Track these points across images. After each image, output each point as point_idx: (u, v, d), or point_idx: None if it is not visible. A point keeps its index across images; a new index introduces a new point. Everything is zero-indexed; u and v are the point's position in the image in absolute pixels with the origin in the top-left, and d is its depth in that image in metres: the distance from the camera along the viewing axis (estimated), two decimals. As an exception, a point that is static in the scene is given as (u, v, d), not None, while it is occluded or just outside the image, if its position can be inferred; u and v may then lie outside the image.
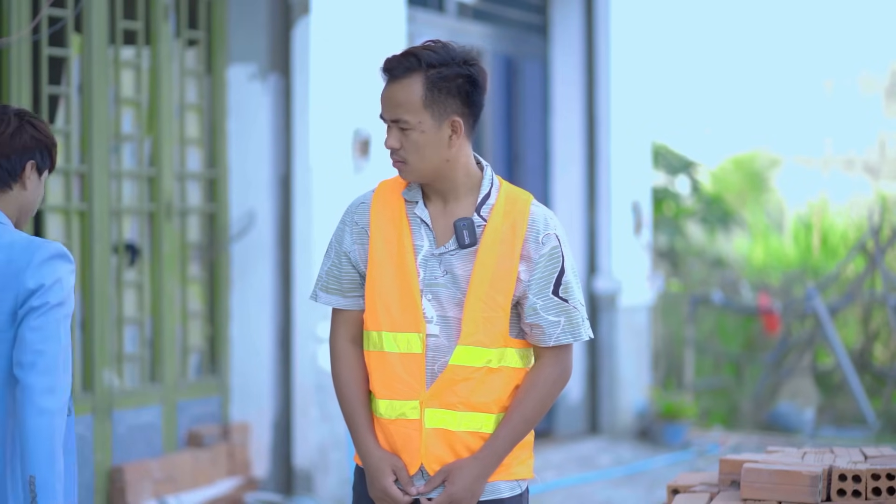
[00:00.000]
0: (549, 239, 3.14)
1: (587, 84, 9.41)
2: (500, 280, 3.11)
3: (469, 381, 3.10)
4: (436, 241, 3.13)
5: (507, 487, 3.19)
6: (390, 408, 3.13)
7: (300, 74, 6.92)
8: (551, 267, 3.14)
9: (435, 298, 3.11)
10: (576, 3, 9.39)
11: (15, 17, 5.82)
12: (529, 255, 3.13)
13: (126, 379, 6.50)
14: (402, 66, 3.08)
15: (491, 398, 3.13)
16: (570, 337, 3.18)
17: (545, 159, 9.43)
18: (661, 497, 7.34)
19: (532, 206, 3.16)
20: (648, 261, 9.86)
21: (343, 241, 3.20)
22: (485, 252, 3.11)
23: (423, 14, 8.22)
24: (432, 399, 3.11)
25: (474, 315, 3.10)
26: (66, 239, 6.21)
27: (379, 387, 3.14)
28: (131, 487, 6.23)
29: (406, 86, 3.07)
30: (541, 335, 3.16)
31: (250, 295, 6.96)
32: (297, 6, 6.92)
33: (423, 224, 3.14)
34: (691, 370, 10.66)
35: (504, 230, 3.13)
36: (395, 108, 3.08)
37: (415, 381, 3.11)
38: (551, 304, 3.15)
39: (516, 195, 3.17)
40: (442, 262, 3.12)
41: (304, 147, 6.92)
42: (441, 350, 3.11)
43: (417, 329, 3.10)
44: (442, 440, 3.12)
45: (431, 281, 3.11)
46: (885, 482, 3.38)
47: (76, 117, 6.25)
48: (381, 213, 3.16)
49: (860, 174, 19.83)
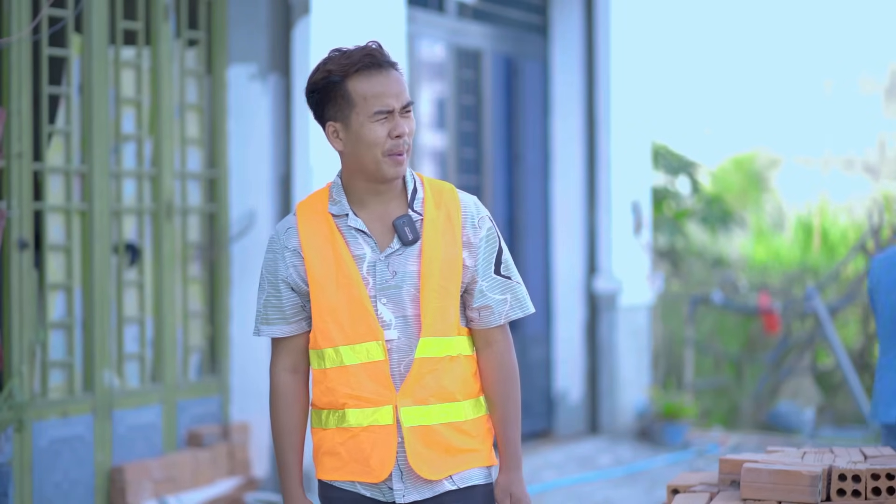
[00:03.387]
0: (483, 222, 3.22)
1: (587, 84, 9.41)
2: (448, 269, 3.16)
3: (434, 373, 3.15)
4: (378, 246, 3.16)
5: (482, 475, 3.23)
6: (362, 416, 3.15)
7: (300, 74, 6.92)
8: (490, 248, 3.22)
9: (391, 301, 3.14)
10: (576, 3, 9.39)
11: (15, 17, 5.82)
12: (469, 240, 3.20)
13: (126, 379, 6.50)
14: (387, 59, 3.14)
15: (456, 386, 3.17)
16: (519, 311, 3.26)
17: (545, 159, 9.43)
18: (661, 497, 7.34)
19: (459, 194, 3.24)
20: (648, 261, 9.86)
21: (277, 269, 3.20)
22: (429, 245, 3.15)
23: (423, 14, 8.22)
24: (405, 398, 3.13)
25: (431, 306, 3.13)
26: (66, 239, 6.21)
27: (346, 399, 3.16)
28: (131, 487, 6.23)
29: (398, 74, 3.15)
30: (489, 315, 3.22)
31: (250, 295, 6.96)
32: (297, 6, 6.92)
33: (361, 233, 3.16)
34: (691, 370, 10.65)
35: (441, 221, 3.18)
36: (403, 93, 3.14)
37: (383, 388, 3.13)
38: (496, 284, 3.22)
39: (440, 186, 3.24)
40: (389, 263, 3.15)
41: (304, 147, 6.92)
42: (403, 351, 3.14)
43: (375, 337, 3.13)
44: (423, 437, 3.14)
45: (384, 285, 3.14)
46: (885, 482, 3.38)
47: (76, 117, 6.25)
48: (311, 233, 3.18)
49: (860, 174, 19.82)
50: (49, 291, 6.14)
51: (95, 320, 6.24)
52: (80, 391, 6.21)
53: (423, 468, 3.14)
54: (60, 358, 6.16)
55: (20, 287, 5.82)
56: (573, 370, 9.37)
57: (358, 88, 3.11)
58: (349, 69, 3.12)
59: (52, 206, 6.12)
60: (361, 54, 3.12)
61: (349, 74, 3.12)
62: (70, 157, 6.21)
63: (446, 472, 3.17)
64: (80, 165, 6.25)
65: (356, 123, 3.13)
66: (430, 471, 3.15)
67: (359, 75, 3.11)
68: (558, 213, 9.43)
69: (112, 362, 6.38)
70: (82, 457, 6.15)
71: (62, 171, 6.18)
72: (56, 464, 6.02)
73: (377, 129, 3.12)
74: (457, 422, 3.18)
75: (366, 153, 3.13)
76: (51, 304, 6.15)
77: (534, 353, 9.18)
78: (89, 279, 6.24)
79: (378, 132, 3.12)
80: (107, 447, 6.27)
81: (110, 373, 6.33)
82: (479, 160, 8.77)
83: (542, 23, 9.46)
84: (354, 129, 3.13)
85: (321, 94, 3.16)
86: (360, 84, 3.11)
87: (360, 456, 3.16)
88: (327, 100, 3.15)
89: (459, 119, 8.63)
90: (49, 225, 6.15)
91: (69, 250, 6.21)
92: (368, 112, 3.11)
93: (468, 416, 3.20)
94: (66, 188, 6.20)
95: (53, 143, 6.20)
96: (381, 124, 3.12)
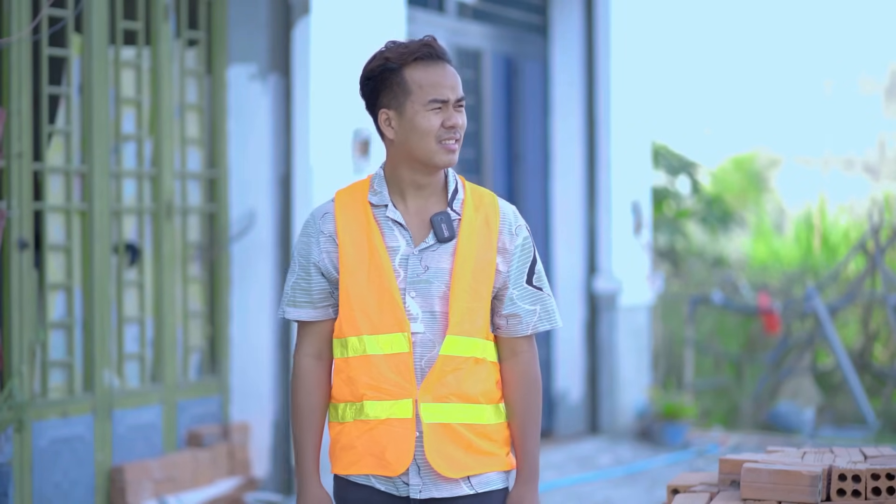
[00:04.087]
0: (520, 230, 3.24)
1: (587, 84, 9.41)
2: (481, 271, 3.16)
3: (458, 372, 3.14)
4: (413, 240, 3.16)
5: (500, 480, 3.22)
6: (380, 408, 3.14)
7: (300, 74, 6.92)
8: (525, 257, 3.23)
9: (420, 295, 3.14)
10: (576, 3, 9.39)
11: (15, 17, 5.82)
12: (505, 246, 3.21)
13: (126, 379, 6.50)
14: (443, 52, 3.18)
15: (478, 389, 3.17)
16: (547, 324, 3.27)
17: (545, 159, 9.43)
18: (661, 497, 7.34)
19: (499, 201, 3.25)
20: (648, 261, 9.86)
21: (310, 252, 3.21)
22: (464, 244, 3.16)
23: (423, 14, 8.22)
24: (425, 394, 3.13)
25: (460, 306, 3.13)
26: (66, 239, 6.21)
27: (365, 390, 3.15)
28: (131, 487, 6.23)
29: (453, 69, 3.18)
30: (518, 324, 3.23)
31: (250, 295, 6.96)
32: (297, 6, 6.92)
33: (397, 225, 3.17)
34: (691, 370, 10.65)
35: (478, 223, 3.19)
36: (458, 86, 3.17)
37: (405, 381, 3.13)
38: (527, 294, 3.23)
39: (481, 191, 3.26)
40: (422, 258, 3.15)
41: (304, 147, 6.92)
42: (427, 345, 3.13)
43: (402, 328, 3.12)
44: (443, 434, 3.13)
45: (415, 278, 3.14)
46: (885, 482, 3.38)
47: (76, 117, 6.25)
48: (348, 220, 3.19)
49: (860, 174, 19.83)
50: (49, 291, 6.14)
51: (95, 320, 6.24)
52: (80, 391, 6.21)
53: (442, 465, 3.13)
54: (60, 358, 6.16)
55: (20, 287, 5.82)
56: (573, 370, 9.38)
57: (415, 76, 3.14)
58: (407, 57, 3.14)
59: (52, 206, 6.12)
60: (419, 44, 3.15)
61: (407, 62, 3.15)
62: (70, 157, 6.21)
63: (465, 471, 3.16)
64: (80, 165, 6.25)
65: (411, 111, 3.14)
66: (449, 468, 3.14)
67: (416, 64, 3.14)
68: (558, 213, 9.43)
69: (112, 362, 6.38)
70: (82, 457, 6.15)
71: (62, 171, 6.18)
72: (56, 464, 6.02)
73: (431, 118, 3.13)
74: (477, 424, 3.17)
75: (418, 141, 3.14)
76: (51, 304, 6.15)
77: (534, 353, 9.17)
78: (89, 279, 6.24)
79: (432, 121, 3.14)
80: (107, 447, 6.28)
81: (110, 373, 6.33)
82: (479, 160, 8.77)
83: (542, 23, 9.46)
84: (408, 116, 3.15)
85: (376, 82, 3.18)
86: (416, 72, 3.14)
87: (377, 449, 3.14)
88: (382, 87, 3.17)
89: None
90: (49, 225, 6.15)
91: (69, 250, 6.21)
92: (424, 100, 3.13)
93: (489, 420, 3.19)
94: (66, 188, 6.20)
95: (53, 143, 6.20)
96: (435, 114, 3.14)
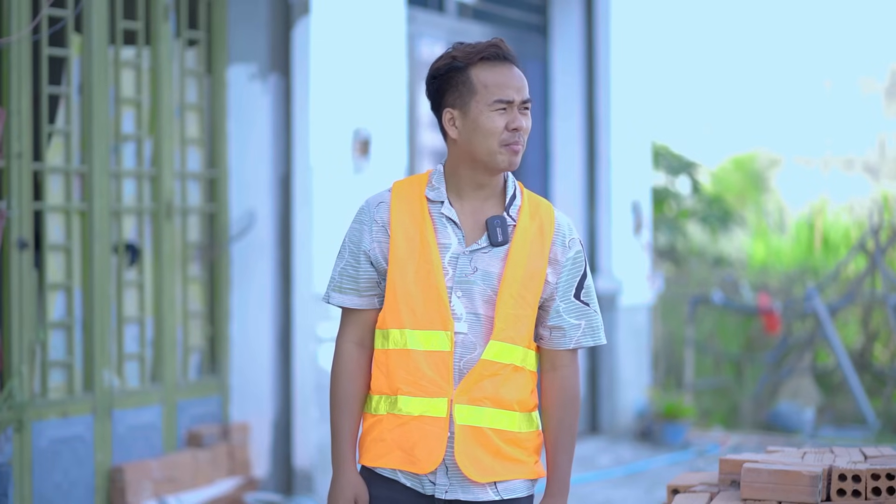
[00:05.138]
0: (573, 243, 3.22)
1: (587, 84, 9.41)
2: (530, 279, 3.15)
3: (496, 378, 3.12)
4: (465, 239, 3.15)
5: (525, 488, 3.21)
6: (414, 404, 3.12)
7: (300, 74, 6.92)
8: (575, 271, 3.21)
9: (465, 295, 3.12)
10: (576, 3, 9.39)
11: (15, 17, 5.82)
12: (556, 258, 3.19)
13: (126, 379, 6.50)
14: (510, 53, 3.16)
15: (514, 397, 3.15)
16: (591, 340, 3.24)
17: (545, 159, 9.43)
18: (661, 497, 7.34)
19: (556, 212, 3.23)
20: (648, 261, 9.86)
21: (362, 240, 3.19)
22: (516, 250, 3.14)
23: (423, 14, 8.22)
24: (461, 395, 3.11)
25: (506, 312, 3.12)
26: (66, 239, 6.21)
27: (401, 384, 3.13)
28: (131, 487, 6.23)
29: (519, 71, 3.16)
30: (561, 338, 3.21)
31: (250, 295, 6.96)
32: (297, 6, 6.92)
33: (451, 223, 3.16)
34: (691, 370, 10.65)
35: (533, 231, 3.17)
36: (524, 88, 3.15)
37: (442, 380, 3.11)
38: (573, 308, 3.21)
39: (538, 199, 3.23)
40: (472, 259, 3.13)
41: (304, 147, 6.92)
42: (468, 347, 3.12)
43: (445, 327, 3.11)
44: (474, 437, 3.12)
45: (462, 278, 3.13)
46: (885, 482, 3.38)
47: (76, 117, 6.25)
48: (402, 212, 3.17)
49: (860, 174, 19.83)
50: (49, 291, 6.14)
51: (95, 320, 6.24)
52: (80, 391, 6.21)
53: (470, 468, 3.11)
54: (60, 358, 6.16)
55: (20, 287, 5.82)
56: (573, 370, 9.36)
57: (481, 76, 3.12)
58: (473, 57, 3.13)
59: (52, 206, 6.12)
60: (486, 45, 3.14)
61: (473, 62, 3.13)
62: (70, 157, 6.21)
63: (492, 476, 3.14)
64: (80, 165, 6.25)
65: (475, 111, 3.13)
66: (477, 472, 3.12)
67: (483, 64, 3.13)
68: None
69: (112, 362, 6.38)
70: (82, 457, 6.15)
71: (62, 171, 6.18)
72: (56, 464, 6.02)
73: (496, 119, 3.12)
74: (508, 431, 3.15)
75: (481, 142, 3.13)
76: (51, 304, 6.15)
77: (534, 353, 9.18)
78: (89, 279, 6.24)
79: (496, 122, 3.12)
80: (107, 447, 6.27)
81: (110, 373, 6.33)
82: (479, 160, 8.77)
83: (542, 23, 9.46)
84: (473, 116, 3.13)
85: (442, 81, 3.17)
86: (483, 72, 3.13)
87: (407, 444, 3.13)
88: (448, 86, 3.16)
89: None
90: (49, 225, 6.15)
91: (69, 250, 6.21)
92: (489, 100, 3.12)
93: (521, 427, 3.18)
94: (66, 188, 6.20)
95: (53, 143, 6.20)
96: (499, 114, 3.12)
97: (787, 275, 12.65)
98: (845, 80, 20.63)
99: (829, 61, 20.89)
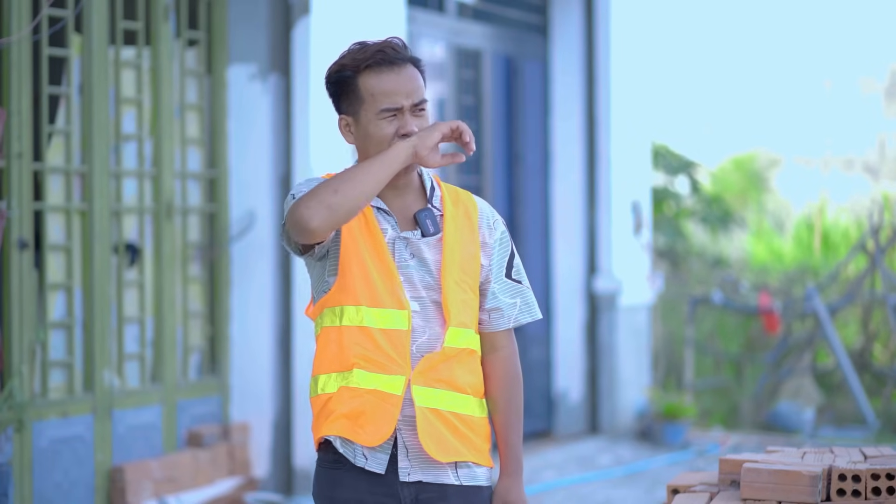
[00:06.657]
0: (497, 224, 3.25)
1: (587, 84, 9.41)
2: (468, 263, 3.18)
3: (449, 362, 3.14)
4: (398, 226, 3.16)
5: (485, 476, 3.22)
6: (369, 379, 3.10)
7: (300, 74, 6.92)
8: (503, 251, 3.25)
9: (407, 280, 3.13)
10: (576, 3, 9.39)
11: (15, 17, 5.82)
12: (485, 240, 3.22)
13: (126, 379, 6.50)
14: (402, 55, 3.12)
15: (467, 381, 3.17)
16: (528, 316, 3.27)
17: (545, 159, 9.43)
18: (661, 497, 7.34)
19: (474, 197, 3.27)
20: (648, 261, 9.86)
21: None
22: (450, 237, 3.16)
23: (423, 14, 8.22)
24: (418, 377, 3.11)
25: (454, 297, 3.14)
26: (66, 239, 6.21)
27: (357, 359, 3.10)
28: (131, 487, 6.23)
29: (413, 71, 3.12)
30: (499, 318, 3.23)
31: (250, 295, 6.96)
32: (297, 6, 6.92)
33: (382, 211, 3.16)
34: (691, 370, 10.65)
35: (460, 217, 3.20)
36: (415, 91, 3.11)
37: (400, 358, 3.10)
38: (507, 287, 3.24)
39: (454, 187, 3.27)
40: (409, 246, 3.15)
41: (304, 147, 6.92)
42: (418, 330, 3.12)
43: (402, 306, 3.11)
44: (434, 418, 3.12)
45: (402, 263, 3.14)
46: (885, 482, 3.38)
47: (76, 117, 6.25)
48: None
49: (860, 174, 19.82)
50: (49, 291, 6.14)
51: (95, 320, 6.24)
52: (80, 391, 6.21)
53: (432, 447, 3.11)
54: (60, 358, 6.16)
55: (20, 287, 5.82)
56: (573, 370, 9.37)
57: (367, 85, 3.10)
58: (360, 64, 3.10)
59: (52, 206, 6.12)
60: (375, 50, 3.10)
61: (360, 70, 3.10)
62: (70, 157, 6.21)
63: (455, 456, 3.14)
64: (80, 165, 6.25)
65: (364, 119, 3.12)
66: (438, 450, 3.12)
67: (369, 71, 3.10)
68: (558, 213, 9.43)
69: (112, 362, 6.38)
70: (82, 457, 6.15)
71: (62, 171, 6.18)
72: (56, 464, 6.02)
73: (384, 127, 3.10)
74: (465, 414, 3.16)
75: (375, 150, 3.12)
76: (51, 304, 6.15)
77: (534, 353, 9.18)
78: (89, 279, 6.24)
79: (385, 130, 3.10)
80: (107, 447, 6.28)
81: (110, 373, 6.33)
82: (479, 160, 8.78)
83: (542, 23, 9.46)
84: (363, 124, 3.13)
85: (335, 87, 3.16)
86: (369, 80, 3.10)
87: (353, 414, 3.10)
88: (340, 93, 3.15)
89: (459, 119, 8.63)
90: (49, 225, 6.15)
91: (69, 250, 6.21)
92: (376, 109, 3.10)
93: (474, 412, 3.19)
94: (66, 188, 6.20)
95: (53, 143, 6.20)
96: (388, 122, 3.10)
97: (787, 275, 12.66)
98: (845, 80, 20.62)
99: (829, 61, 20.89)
